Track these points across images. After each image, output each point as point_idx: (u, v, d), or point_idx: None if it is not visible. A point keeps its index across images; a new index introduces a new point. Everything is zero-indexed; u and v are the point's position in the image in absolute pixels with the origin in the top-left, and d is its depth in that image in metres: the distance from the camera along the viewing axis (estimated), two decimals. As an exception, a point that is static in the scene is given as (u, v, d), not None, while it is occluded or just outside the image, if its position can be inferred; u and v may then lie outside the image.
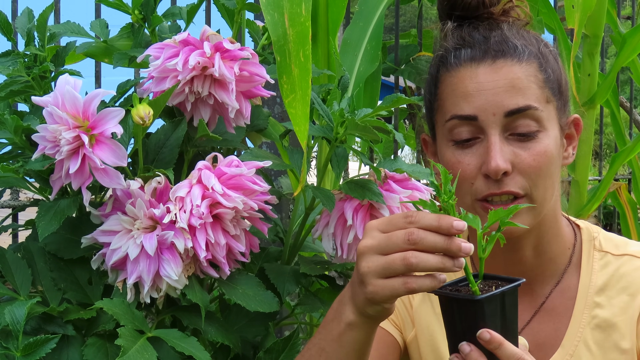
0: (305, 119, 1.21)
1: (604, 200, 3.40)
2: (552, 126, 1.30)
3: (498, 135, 1.27)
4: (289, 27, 1.22)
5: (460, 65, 1.31)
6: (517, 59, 1.29)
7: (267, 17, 1.22)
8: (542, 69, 1.30)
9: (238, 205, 1.20)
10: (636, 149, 3.21)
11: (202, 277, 1.26)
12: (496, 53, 1.29)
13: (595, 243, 1.39)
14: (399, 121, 2.83)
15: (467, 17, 1.35)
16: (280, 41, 1.22)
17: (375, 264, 1.04)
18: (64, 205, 1.22)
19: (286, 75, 1.22)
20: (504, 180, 1.27)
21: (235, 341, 1.29)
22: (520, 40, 1.32)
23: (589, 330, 1.34)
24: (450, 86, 1.31)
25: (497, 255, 1.37)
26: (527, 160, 1.27)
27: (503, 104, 1.27)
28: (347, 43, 2.46)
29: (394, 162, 1.41)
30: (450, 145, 1.31)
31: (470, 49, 1.31)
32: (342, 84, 1.38)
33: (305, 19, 1.23)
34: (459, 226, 1.01)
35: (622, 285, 1.34)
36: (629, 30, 3.05)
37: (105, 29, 1.44)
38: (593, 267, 1.37)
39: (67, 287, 1.26)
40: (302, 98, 1.21)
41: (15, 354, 1.14)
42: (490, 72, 1.28)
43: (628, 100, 4.02)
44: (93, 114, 1.15)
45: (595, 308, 1.34)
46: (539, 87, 1.29)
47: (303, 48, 1.22)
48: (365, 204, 1.31)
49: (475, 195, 1.29)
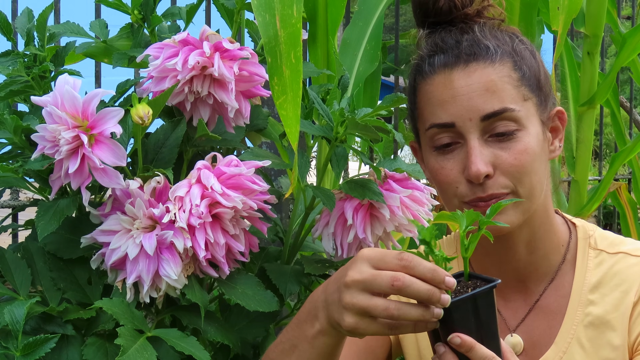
0: (296, 120, 1.21)
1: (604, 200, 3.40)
2: (531, 123, 1.30)
3: (477, 139, 1.27)
4: (280, 29, 1.22)
5: (434, 73, 1.31)
6: (490, 61, 1.29)
7: (258, 18, 1.22)
8: (516, 67, 1.30)
9: (237, 204, 1.20)
10: (636, 149, 3.21)
11: (201, 276, 1.26)
12: (468, 57, 1.29)
13: (590, 241, 1.39)
14: (399, 121, 2.83)
15: (440, 23, 1.35)
16: (272, 42, 1.22)
17: (358, 302, 1.05)
18: (64, 205, 1.22)
19: (277, 77, 1.22)
20: (487, 183, 1.27)
21: (235, 341, 1.29)
22: (493, 40, 1.31)
23: (582, 328, 1.34)
24: (427, 95, 1.32)
25: (490, 253, 1.38)
26: (508, 160, 1.27)
27: (478, 109, 1.27)
28: (347, 43, 2.46)
29: (393, 161, 1.41)
30: (432, 151, 1.32)
31: (443, 55, 1.31)
32: (342, 84, 1.38)
33: (297, 21, 1.23)
34: (449, 283, 1.03)
35: (616, 282, 1.35)
36: (629, 30, 3.06)
37: (105, 29, 1.44)
38: (588, 265, 1.37)
39: (66, 286, 1.26)
40: (293, 100, 1.21)
41: (15, 353, 1.14)
42: (464, 77, 1.28)
43: (628, 100, 4.02)
44: (92, 113, 1.15)
45: (589, 305, 1.35)
46: (514, 87, 1.29)
47: (294, 49, 1.22)
48: (365, 204, 1.32)
49: (462, 198, 1.30)
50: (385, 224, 1.32)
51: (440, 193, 1.35)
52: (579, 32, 3.02)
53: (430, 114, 1.31)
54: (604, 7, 2.85)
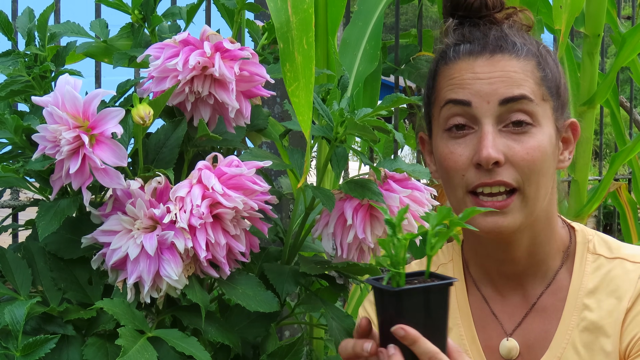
0: (308, 107, 1.20)
1: (604, 200, 3.40)
2: (547, 124, 1.30)
3: (492, 125, 1.27)
4: (292, 14, 1.21)
5: (458, 59, 1.32)
6: (515, 55, 1.30)
7: (270, 4, 1.21)
8: (540, 67, 1.31)
9: (238, 205, 1.20)
10: (636, 149, 3.21)
11: (202, 277, 1.26)
12: (494, 48, 1.30)
13: (589, 246, 1.39)
14: (399, 121, 2.83)
15: (469, 17, 1.37)
16: (284, 28, 1.21)
17: None
18: (64, 205, 1.22)
19: (289, 63, 1.21)
20: (495, 170, 1.27)
21: (236, 341, 1.29)
22: (520, 38, 1.32)
23: (577, 333, 1.33)
24: (447, 77, 1.33)
25: (490, 254, 1.38)
26: (520, 153, 1.27)
27: (497, 92, 1.27)
28: (347, 43, 2.46)
29: (393, 161, 1.41)
30: (444, 136, 1.32)
31: (469, 44, 1.32)
32: (342, 84, 1.38)
33: (309, 6, 1.22)
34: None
35: (612, 288, 1.34)
36: (629, 30, 3.06)
37: (105, 28, 1.44)
38: (585, 270, 1.37)
39: (67, 287, 1.26)
40: (305, 86, 1.20)
41: (15, 353, 1.14)
42: (487, 65, 1.30)
43: (628, 100, 4.02)
44: (93, 114, 1.15)
45: (585, 310, 1.34)
46: (535, 82, 1.30)
47: (306, 35, 1.21)
48: (365, 204, 1.32)
49: (467, 187, 1.29)
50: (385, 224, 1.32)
51: (446, 183, 1.34)
52: (578, 32, 3.02)
53: (448, 92, 1.31)
54: (603, 7, 2.85)
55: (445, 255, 1.47)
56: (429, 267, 1.07)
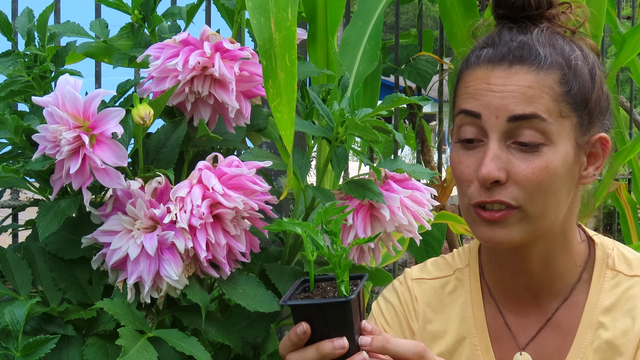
0: (290, 123, 1.21)
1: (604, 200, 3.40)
2: (563, 142, 1.24)
3: (497, 141, 1.23)
4: (275, 31, 1.22)
5: (478, 65, 1.28)
6: (536, 67, 1.24)
7: (252, 21, 1.22)
8: (563, 82, 1.25)
9: (238, 205, 1.20)
10: (636, 149, 3.21)
11: (202, 277, 1.26)
12: (514, 58, 1.25)
13: (608, 261, 1.35)
14: (399, 121, 2.83)
15: (509, 17, 1.31)
16: (266, 45, 1.22)
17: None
18: (64, 205, 1.22)
19: (272, 79, 1.22)
20: (495, 188, 1.23)
21: (236, 341, 1.29)
22: (547, 48, 1.26)
23: (591, 351, 1.30)
24: (465, 84, 1.29)
25: (502, 264, 1.35)
26: (524, 173, 1.22)
27: (508, 108, 1.23)
28: (347, 43, 2.46)
29: (394, 162, 1.41)
30: (457, 144, 1.29)
31: (492, 50, 1.28)
32: (342, 84, 1.38)
33: (292, 24, 1.23)
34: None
35: (628, 307, 1.31)
36: (628, 30, 3.05)
37: (105, 29, 1.44)
38: (603, 286, 1.33)
39: (67, 287, 1.26)
40: (287, 102, 1.21)
41: (15, 354, 1.14)
42: (503, 77, 1.25)
43: (628, 100, 4.02)
44: (93, 114, 1.15)
45: (600, 328, 1.31)
46: (552, 99, 1.24)
47: (289, 52, 1.22)
48: (365, 204, 1.32)
49: (470, 200, 1.26)
50: (386, 225, 1.32)
51: (457, 188, 1.32)
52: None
53: (462, 101, 1.28)
54: (603, 8, 2.85)
55: (462, 259, 1.43)
56: (311, 273, 1.04)
